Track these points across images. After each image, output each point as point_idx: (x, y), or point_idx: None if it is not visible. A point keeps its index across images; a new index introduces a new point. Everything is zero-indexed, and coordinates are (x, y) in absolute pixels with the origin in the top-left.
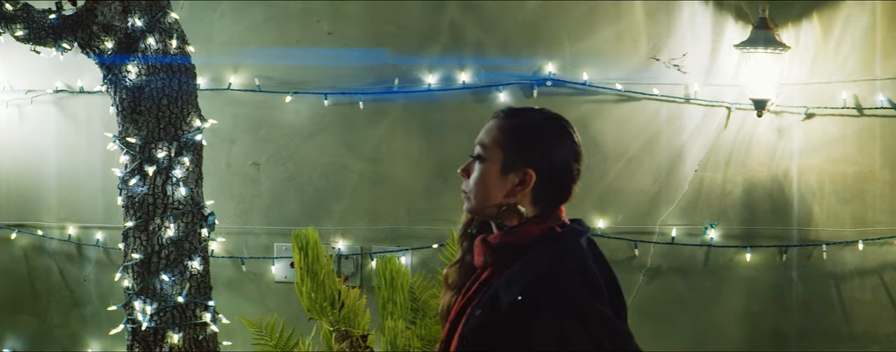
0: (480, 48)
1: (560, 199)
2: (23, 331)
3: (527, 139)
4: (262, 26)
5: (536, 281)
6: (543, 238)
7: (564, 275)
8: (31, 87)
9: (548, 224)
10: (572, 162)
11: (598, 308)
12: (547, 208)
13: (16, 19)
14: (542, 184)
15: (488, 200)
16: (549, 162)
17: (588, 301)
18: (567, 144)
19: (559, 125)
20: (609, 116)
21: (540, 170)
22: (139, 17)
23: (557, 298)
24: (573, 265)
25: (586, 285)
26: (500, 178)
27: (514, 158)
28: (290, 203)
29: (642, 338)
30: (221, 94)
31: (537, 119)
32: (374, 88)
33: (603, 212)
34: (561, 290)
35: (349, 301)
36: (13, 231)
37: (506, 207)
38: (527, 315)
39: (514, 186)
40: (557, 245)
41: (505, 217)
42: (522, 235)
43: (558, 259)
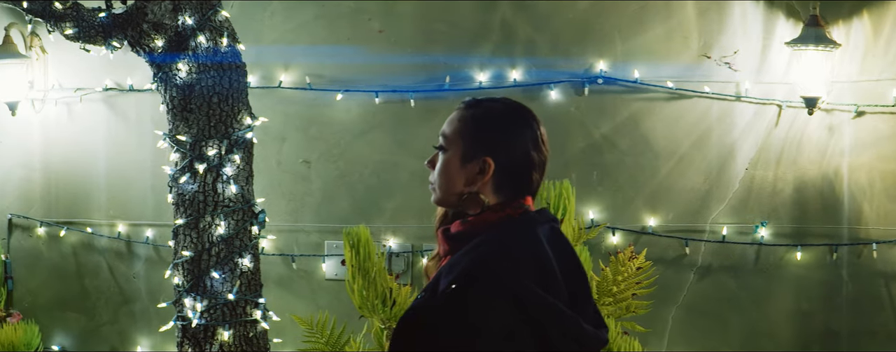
0: (531, 46)
1: (522, 187)
2: (72, 328)
3: (485, 128)
4: (312, 24)
5: (472, 265)
6: (499, 225)
7: (504, 259)
8: (80, 85)
9: (506, 212)
10: (531, 150)
11: (537, 292)
12: (509, 197)
13: (65, 18)
14: (501, 172)
15: (451, 190)
16: (508, 150)
17: (525, 285)
18: (526, 133)
19: (518, 115)
20: (660, 114)
21: (499, 158)
22: (190, 16)
23: (491, 280)
24: (521, 251)
25: (536, 270)
26: (461, 167)
27: (474, 147)
28: (340, 201)
29: (692, 336)
30: (272, 92)
31: (496, 109)
32: (425, 86)
33: (654, 210)
34: (496, 273)
35: (400, 299)
36: (62, 229)
37: (467, 196)
38: (459, 298)
39: (474, 175)
40: (506, 231)
41: (467, 206)
42: (479, 224)
43: (503, 244)
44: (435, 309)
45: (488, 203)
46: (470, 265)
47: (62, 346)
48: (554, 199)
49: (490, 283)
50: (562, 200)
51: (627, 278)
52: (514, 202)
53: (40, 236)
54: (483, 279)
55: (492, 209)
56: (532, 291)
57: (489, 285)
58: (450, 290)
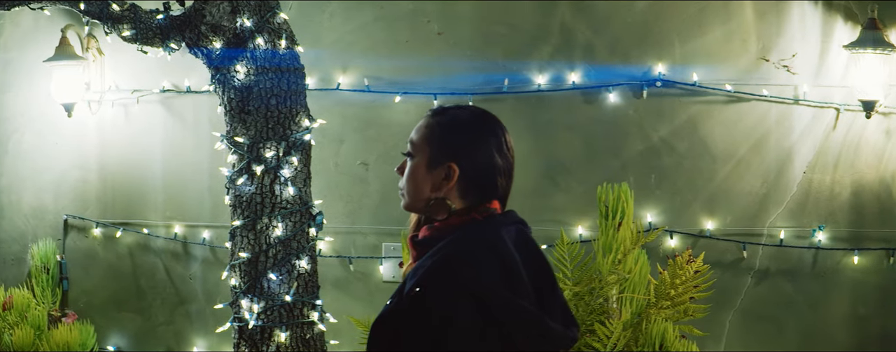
0: (590, 48)
1: (487, 192)
2: (127, 328)
3: (450, 135)
4: (371, 26)
5: (434, 267)
6: (464, 228)
7: (467, 260)
8: (137, 86)
9: (471, 216)
10: (495, 157)
11: (501, 292)
12: (475, 202)
13: (123, 19)
14: (466, 178)
15: (418, 195)
16: (472, 157)
17: (488, 285)
18: (490, 140)
19: (483, 122)
20: (718, 117)
21: (463, 164)
22: (248, 18)
23: (454, 282)
24: (484, 252)
25: (500, 270)
26: (427, 173)
27: (439, 153)
28: (398, 203)
29: (749, 340)
30: (330, 94)
31: (461, 116)
32: (483, 89)
33: (712, 213)
34: (459, 274)
35: None
36: (118, 229)
37: (434, 202)
38: (422, 302)
39: (440, 181)
40: (470, 233)
41: (434, 211)
42: (445, 228)
43: (466, 246)
44: (401, 313)
45: (455, 208)
46: (433, 267)
47: (118, 346)
48: (612, 202)
49: (453, 284)
50: (620, 203)
51: (685, 281)
52: (480, 206)
53: (96, 237)
54: (446, 281)
55: (458, 214)
56: (495, 290)
57: (452, 286)
58: (414, 293)
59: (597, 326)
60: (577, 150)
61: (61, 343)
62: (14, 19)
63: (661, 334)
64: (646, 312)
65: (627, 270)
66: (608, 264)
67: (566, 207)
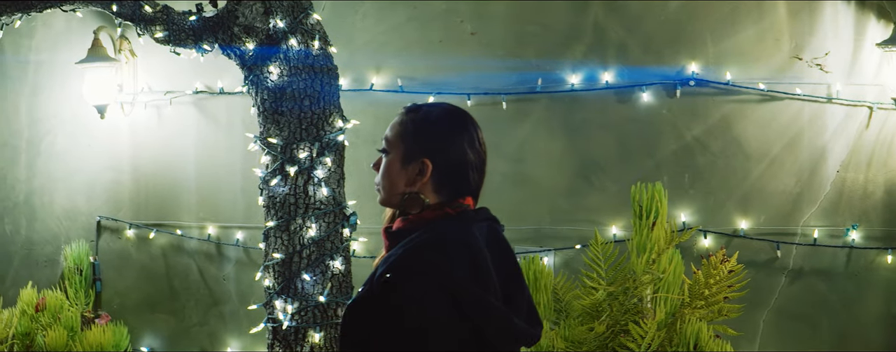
0: (623, 48)
1: (460, 187)
2: (160, 330)
3: (423, 131)
4: (404, 26)
5: (405, 256)
6: (437, 222)
7: (438, 252)
8: (170, 88)
9: (444, 210)
10: (467, 152)
11: (468, 284)
12: (449, 197)
13: (155, 21)
14: (439, 173)
15: (393, 190)
16: (445, 152)
17: (456, 276)
18: (463, 137)
19: (455, 118)
20: (751, 116)
21: (436, 160)
22: (281, 19)
23: (423, 271)
24: (454, 245)
25: (469, 264)
26: (402, 168)
27: (413, 149)
28: None
29: (783, 340)
30: (364, 94)
31: (434, 113)
32: (516, 88)
33: (745, 213)
34: (429, 264)
35: None
36: (152, 231)
37: (408, 196)
38: (393, 289)
39: (414, 176)
40: (442, 227)
41: (408, 206)
42: (418, 221)
43: (437, 238)
44: (373, 299)
45: (429, 203)
46: (404, 256)
47: (151, 347)
48: (646, 201)
49: (423, 272)
50: (654, 202)
51: (719, 281)
52: (453, 202)
53: (129, 238)
54: (415, 269)
55: (431, 208)
56: (465, 285)
57: (422, 274)
58: (384, 279)
59: (631, 326)
60: (611, 149)
61: (94, 344)
62: (46, 21)
63: (695, 334)
64: (680, 312)
65: (661, 269)
66: (642, 263)
67: (600, 206)
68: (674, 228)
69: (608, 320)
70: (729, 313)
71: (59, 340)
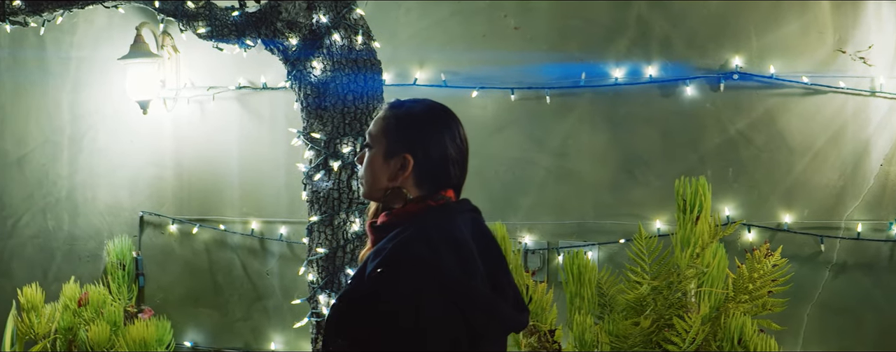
0: (667, 42)
1: (441, 182)
2: (204, 324)
3: (405, 127)
4: (448, 21)
5: (394, 250)
6: (419, 215)
7: (425, 243)
8: (212, 83)
9: (426, 203)
10: (448, 148)
11: (457, 274)
12: (430, 190)
13: (198, 17)
14: (420, 168)
15: (376, 185)
16: (426, 148)
17: (445, 267)
18: (444, 133)
19: (436, 115)
20: (795, 110)
21: (417, 155)
22: (324, 14)
23: (413, 263)
24: (440, 236)
25: (455, 254)
26: (384, 163)
27: (395, 144)
28: (476, 198)
29: (827, 334)
30: (407, 89)
31: (416, 109)
32: (560, 83)
33: (789, 206)
34: (418, 256)
35: (537, 296)
36: (195, 226)
37: (391, 191)
38: (385, 282)
39: (396, 171)
40: (427, 219)
41: (391, 200)
42: (402, 215)
43: (423, 231)
44: (364, 293)
45: (411, 197)
46: (393, 250)
47: (194, 342)
48: (690, 195)
49: (412, 265)
50: (697, 196)
51: (763, 275)
52: (435, 195)
53: (172, 234)
54: (405, 262)
55: (414, 202)
56: (451, 273)
57: (411, 267)
58: (375, 274)
59: (675, 320)
60: (655, 143)
61: (137, 339)
62: (88, 17)
63: (739, 329)
64: (724, 306)
65: (705, 263)
66: (686, 257)
67: (644, 200)
68: (718, 222)
69: (653, 315)
70: (773, 307)
71: (101, 334)
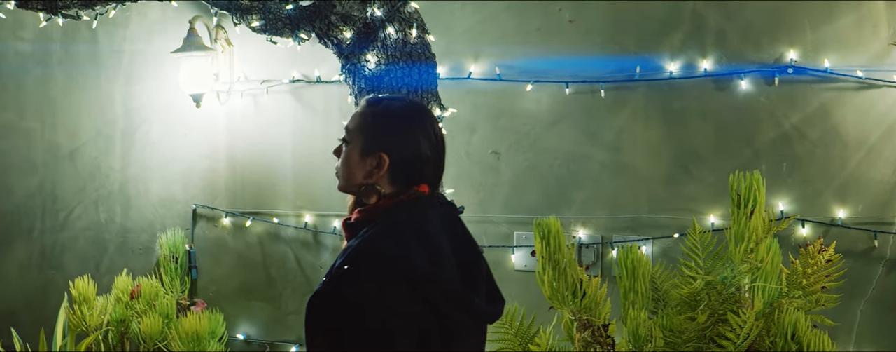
0: (722, 35)
1: (416, 178)
2: (257, 317)
3: (381, 126)
4: (502, 15)
5: (362, 246)
6: (392, 211)
7: (394, 239)
8: (266, 77)
9: (398, 198)
10: (423, 147)
11: (427, 270)
12: (404, 187)
13: (252, 10)
14: (395, 166)
15: (352, 180)
16: (401, 147)
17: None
18: (417, 131)
19: (412, 113)
20: (849, 104)
21: (392, 154)
22: (378, 7)
23: (377, 260)
24: (410, 231)
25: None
26: (360, 160)
27: (371, 142)
28: (530, 192)
29: (881, 329)
30: (462, 82)
31: (392, 108)
32: (615, 77)
33: (843, 202)
34: (386, 253)
35: (591, 290)
36: (248, 219)
37: (365, 187)
38: (349, 279)
39: (372, 169)
40: (398, 214)
41: (365, 196)
42: (373, 211)
43: (393, 226)
44: (332, 291)
45: (385, 193)
46: (360, 248)
47: (247, 335)
48: (744, 190)
49: (377, 261)
50: (752, 191)
51: (817, 271)
52: (408, 189)
53: (225, 227)
54: (370, 259)
55: (387, 197)
56: (420, 268)
57: (376, 263)
58: (342, 270)
59: (730, 315)
60: (709, 138)
61: (190, 331)
62: (141, 11)
63: (792, 324)
64: (777, 301)
65: (759, 259)
66: (740, 253)
67: (698, 195)
68: (772, 217)
69: (707, 310)
70: (826, 303)
71: (154, 327)
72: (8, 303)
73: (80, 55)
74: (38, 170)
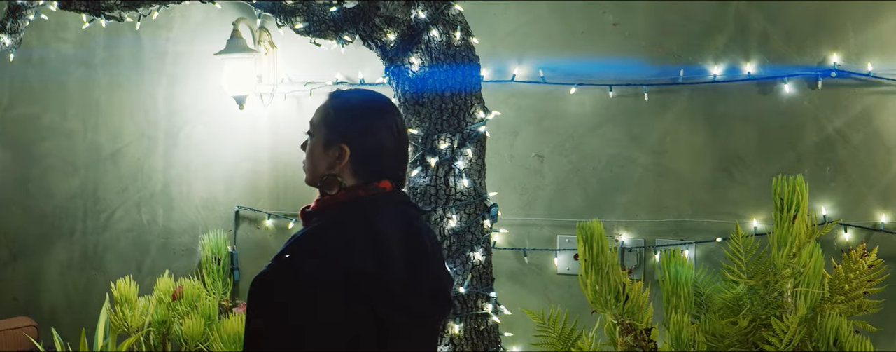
0: (765, 38)
1: (377, 171)
2: None
3: (342, 118)
4: (546, 17)
5: (305, 237)
6: (346, 205)
7: (336, 233)
8: (309, 79)
9: (357, 193)
10: (384, 139)
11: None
12: (366, 180)
13: (296, 12)
14: (357, 158)
15: (315, 172)
16: (361, 139)
17: (351, 256)
18: (379, 123)
19: (373, 106)
20: (893, 108)
21: (353, 146)
22: (422, 10)
23: (317, 252)
24: (356, 227)
25: (369, 245)
26: (323, 152)
27: (332, 134)
28: (573, 195)
29: None
30: (505, 85)
31: (354, 100)
32: (658, 80)
33: (885, 206)
34: (323, 245)
35: (633, 294)
36: (291, 221)
37: (326, 178)
38: (289, 270)
39: (334, 160)
40: (348, 209)
41: (325, 186)
42: (330, 202)
43: (339, 221)
44: (273, 274)
45: (346, 185)
46: (305, 236)
47: None
48: (787, 194)
49: (318, 252)
50: (795, 195)
51: (859, 276)
52: (368, 185)
53: (268, 228)
54: (313, 249)
55: (346, 190)
56: (358, 262)
57: (317, 254)
58: (283, 258)
59: (773, 320)
60: (753, 141)
61: (232, 333)
62: (184, 13)
63: (835, 330)
64: (820, 306)
65: (802, 263)
66: (783, 257)
67: (741, 199)
68: (814, 221)
69: (749, 315)
70: (868, 308)
71: (196, 328)
72: (49, 303)
73: (123, 57)
74: (80, 171)
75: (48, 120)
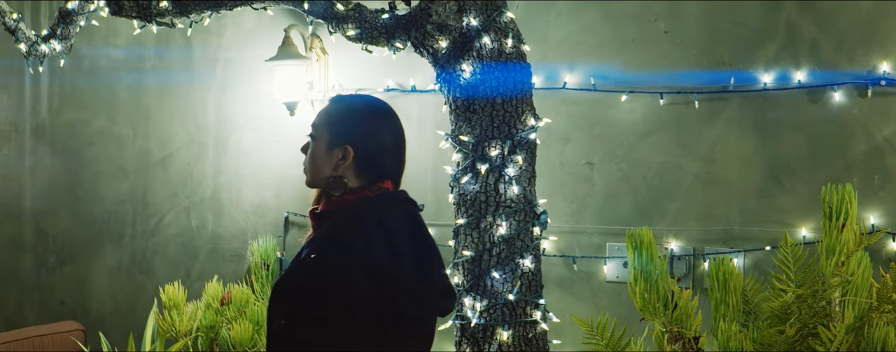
0: (816, 46)
1: (381, 172)
2: None
3: (346, 120)
4: (597, 25)
5: (328, 237)
6: (356, 204)
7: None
8: (361, 86)
9: (364, 193)
10: (386, 141)
11: (386, 262)
12: (369, 181)
13: (347, 19)
14: (360, 159)
15: (319, 174)
16: (364, 141)
17: (375, 254)
18: (381, 125)
19: (375, 109)
20: None
21: (357, 147)
22: (474, 17)
23: (344, 250)
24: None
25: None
26: (326, 153)
27: (336, 136)
28: (623, 203)
29: None
30: (556, 92)
31: (356, 104)
32: (709, 88)
33: None
34: (348, 244)
35: (682, 302)
36: None
37: (332, 179)
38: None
39: (337, 161)
40: (362, 208)
41: (332, 188)
42: (340, 203)
43: (357, 219)
44: (300, 277)
45: (351, 186)
46: (328, 237)
47: None
48: (836, 203)
49: (344, 252)
50: (844, 204)
51: None
52: (373, 185)
53: None
54: (336, 247)
55: (353, 191)
56: (381, 261)
57: (344, 254)
58: (309, 259)
59: (820, 329)
60: (802, 150)
61: None
62: (236, 20)
63: (882, 339)
64: (867, 316)
65: (850, 272)
66: (831, 266)
67: (790, 207)
68: (863, 230)
69: (797, 323)
70: None
71: (244, 333)
72: (97, 308)
73: (174, 62)
74: (130, 176)
75: (98, 125)
